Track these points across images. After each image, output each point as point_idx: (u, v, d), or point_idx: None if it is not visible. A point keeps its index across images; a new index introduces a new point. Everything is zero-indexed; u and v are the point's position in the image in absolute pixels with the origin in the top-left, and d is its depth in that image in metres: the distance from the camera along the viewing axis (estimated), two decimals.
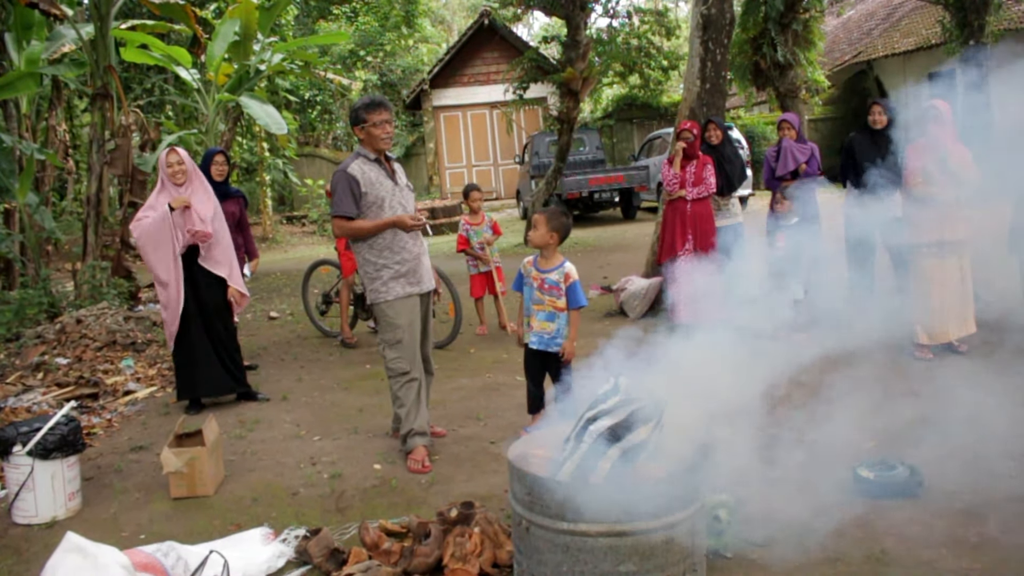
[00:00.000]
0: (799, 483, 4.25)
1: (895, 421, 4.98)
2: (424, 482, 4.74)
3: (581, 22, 13.81)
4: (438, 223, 19.54)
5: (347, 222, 4.92)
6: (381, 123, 4.92)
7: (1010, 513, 3.83)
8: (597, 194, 18.51)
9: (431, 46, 32.59)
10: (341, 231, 4.99)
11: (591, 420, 2.97)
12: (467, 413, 5.97)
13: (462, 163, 27.58)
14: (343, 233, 5.02)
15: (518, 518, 3.10)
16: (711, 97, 8.72)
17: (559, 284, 4.87)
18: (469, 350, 7.90)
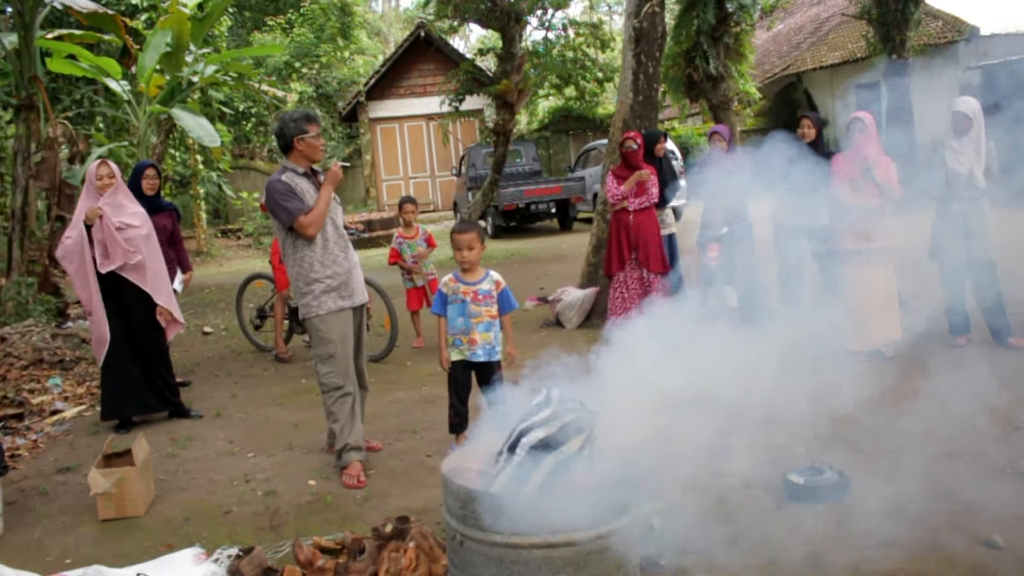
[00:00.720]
0: (732, 489, 4.32)
1: (824, 426, 5.07)
2: (359, 497, 4.70)
3: (516, 35, 13.90)
4: (375, 235, 19.43)
5: (307, 216, 4.82)
6: (318, 136, 4.91)
7: (935, 514, 3.93)
8: (534, 205, 18.62)
9: (367, 58, 32.43)
10: (311, 226, 4.82)
11: (524, 432, 2.97)
12: (403, 426, 5.94)
13: (399, 175, 27.49)
14: (313, 227, 4.83)
15: (452, 532, 3.09)
16: (644, 109, 8.83)
17: (491, 293, 4.89)
18: (406, 363, 7.86)
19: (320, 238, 4.91)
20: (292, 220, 4.79)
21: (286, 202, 4.80)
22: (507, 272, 11.52)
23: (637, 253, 7.70)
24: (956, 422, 5.03)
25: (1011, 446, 4.67)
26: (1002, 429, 4.93)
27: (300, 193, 4.83)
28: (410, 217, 8.35)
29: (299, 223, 4.80)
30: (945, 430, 4.92)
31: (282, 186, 4.83)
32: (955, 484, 4.24)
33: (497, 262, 14.76)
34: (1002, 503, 3.99)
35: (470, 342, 4.89)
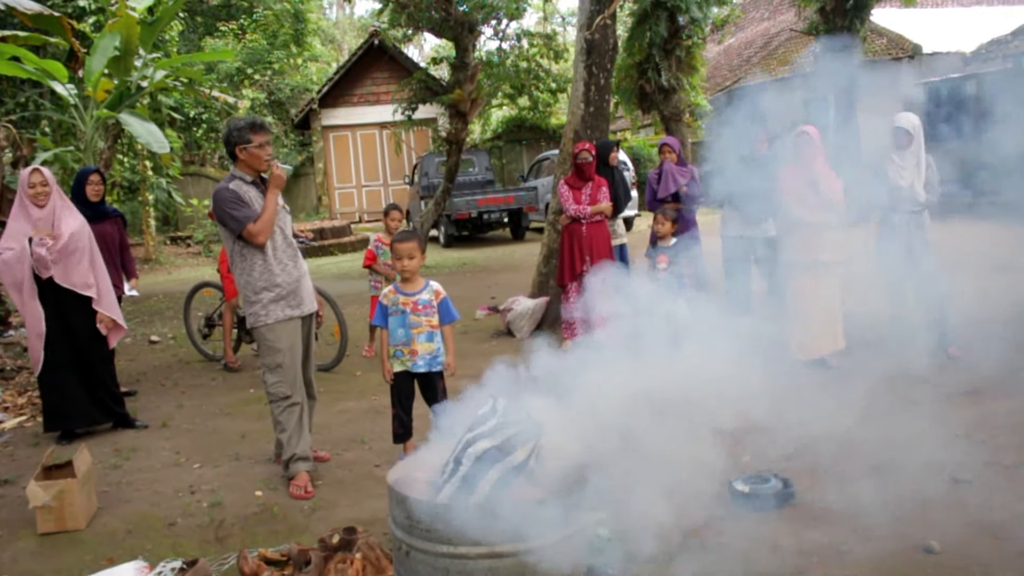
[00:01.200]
0: (677, 498, 4.36)
1: (770, 434, 5.14)
2: (306, 508, 4.67)
3: (470, 44, 13.92)
4: (326, 244, 19.31)
5: (255, 224, 4.77)
6: (264, 144, 4.86)
7: (876, 521, 4.01)
8: (486, 215, 18.66)
9: (320, 65, 32.27)
10: (260, 234, 4.78)
11: (470, 442, 2.98)
12: (352, 436, 5.90)
13: (351, 183, 27.36)
14: (263, 234, 4.79)
15: (398, 542, 3.09)
16: (595, 120, 8.90)
17: (432, 303, 4.88)
18: (355, 373, 7.82)
19: (269, 246, 4.87)
20: (241, 228, 4.75)
21: (234, 210, 4.75)
22: (459, 281, 11.52)
23: (589, 264, 7.75)
24: (895, 430, 5.15)
25: (950, 454, 4.77)
26: (942, 437, 5.03)
27: (248, 201, 4.79)
28: (396, 224, 8.11)
29: (248, 231, 4.75)
30: (887, 438, 5.04)
31: (229, 194, 4.79)
32: (895, 491, 4.33)
33: (449, 271, 14.75)
34: (940, 510, 4.08)
35: (411, 353, 4.88)
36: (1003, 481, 4.37)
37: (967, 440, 4.97)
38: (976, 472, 4.50)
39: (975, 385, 5.96)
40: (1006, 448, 4.79)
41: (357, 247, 19.91)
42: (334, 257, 18.71)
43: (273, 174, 4.86)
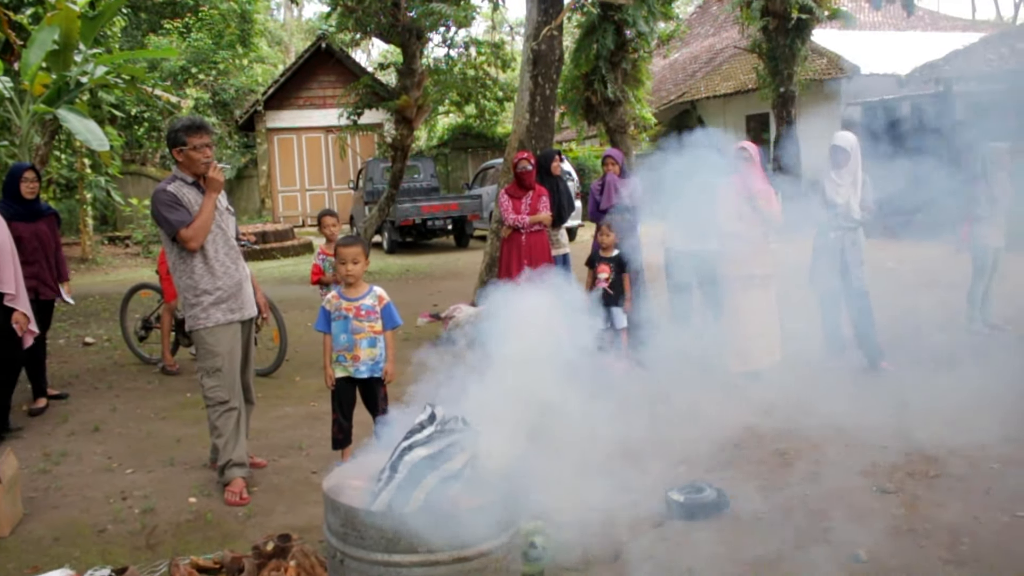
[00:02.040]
0: (614, 507, 4.41)
1: (706, 444, 5.23)
2: (241, 515, 4.62)
3: (417, 51, 13.93)
4: (269, 247, 19.10)
5: (189, 228, 4.69)
6: (201, 147, 4.77)
7: (806, 530, 4.11)
8: (430, 221, 18.66)
9: (267, 67, 31.92)
10: (193, 239, 4.70)
11: (407, 450, 2.98)
12: (290, 443, 5.85)
13: (295, 187, 27.12)
14: (196, 239, 4.71)
15: (332, 550, 3.08)
16: (540, 130, 8.97)
17: (375, 308, 4.88)
18: (295, 378, 7.75)
19: (210, 249, 4.81)
20: (174, 231, 4.69)
21: (169, 213, 4.69)
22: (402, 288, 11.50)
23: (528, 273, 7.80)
24: (828, 441, 5.28)
25: (877, 465, 4.90)
26: (870, 448, 5.17)
27: (186, 203, 4.73)
28: (331, 231, 7.68)
29: (181, 235, 4.69)
30: (818, 449, 5.16)
31: (167, 196, 4.72)
32: (824, 502, 4.43)
33: (392, 278, 14.69)
34: (867, 519, 4.20)
35: (353, 358, 4.86)
36: (926, 491, 4.50)
37: (892, 451, 5.10)
38: (900, 482, 4.63)
39: (903, 398, 6.13)
40: (930, 459, 4.94)
41: (300, 251, 19.73)
42: (276, 261, 18.51)
43: (209, 177, 4.78)
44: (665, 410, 5.56)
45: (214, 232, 4.83)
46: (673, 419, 5.42)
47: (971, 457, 4.94)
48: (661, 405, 5.67)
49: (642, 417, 5.48)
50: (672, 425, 5.36)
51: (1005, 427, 5.39)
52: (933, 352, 7.02)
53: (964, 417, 5.64)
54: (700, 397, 6.05)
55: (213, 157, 4.87)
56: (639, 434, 5.20)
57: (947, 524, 4.11)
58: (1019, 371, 6.55)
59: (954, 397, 6.08)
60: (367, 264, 4.97)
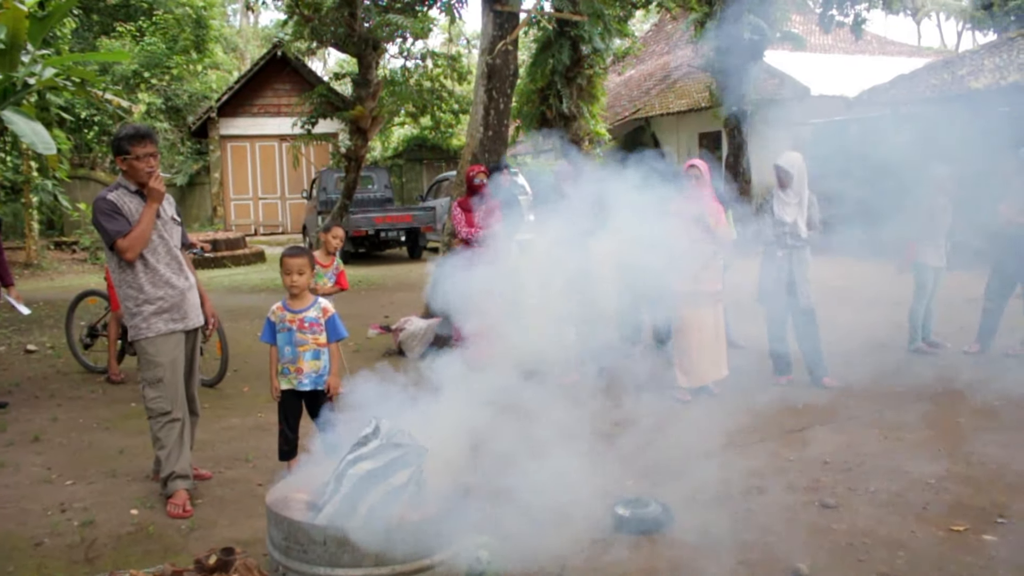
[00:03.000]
0: (560, 521, 4.43)
1: (653, 460, 5.28)
2: (184, 528, 4.55)
3: (373, 62, 13.92)
4: (220, 255, 18.88)
5: (125, 238, 4.63)
6: (145, 156, 4.70)
7: (749, 544, 4.16)
8: (384, 232, 18.61)
9: (221, 73, 31.61)
10: (129, 250, 4.64)
11: (351, 463, 2.98)
12: (235, 454, 5.79)
13: (248, 195, 26.88)
14: (132, 250, 4.65)
15: (275, 564, 3.06)
16: (493, 143, 9.00)
17: (319, 320, 4.84)
18: (243, 389, 7.67)
19: (151, 258, 4.75)
20: (111, 241, 4.63)
21: (107, 222, 4.62)
22: (353, 299, 11.43)
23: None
24: (771, 457, 5.35)
25: (819, 480, 4.99)
26: (813, 464, 5.26)
27: (127, 212, 4.66)
28: (337, 244, 7.35)
29: (118, 245, 4.63)
30: (761, 465, 5.23)
31: (106, 204, 4.66)
32: (767, 516, 4.50)
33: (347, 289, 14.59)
34: (809, 534, 4.27)
35: (297, 371, 4.83)
36: (866, 506, 4.59)
37: (834, 467, 5.20)
38: (841, 497, 4.72)
39: (846, 414, 6.25)
40: (870, 475, 5.03)
41: (252, 260, 19.54)
42: (227, 269, 18.30)
43: (150, 187, 4.69)
44: (613, 425, 5.60)
45: (155, 241, 4.77)
46: (621, 434, 5.46)
47: (910, 473, 5.05)
48: (609, 419, 5.71)
49: (594, 431, 5.52)
50: (619, 440, 5.40)
51: (942, 444, 5.52)
52: (875, 369, 7.17)
53: (903, 433, 5.78)
54: (647, 412, 6.11)
55: (158, 167, 4.80)
56: (588, 448, 5.24)
57: (886, 538, 4.19)
58: (957, 389, 6.72)
59: (893, 414, 6.23)
60: (312, 275, 4.95)
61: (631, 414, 5.91)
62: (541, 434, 5.34)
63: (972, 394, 6.51)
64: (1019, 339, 7.87)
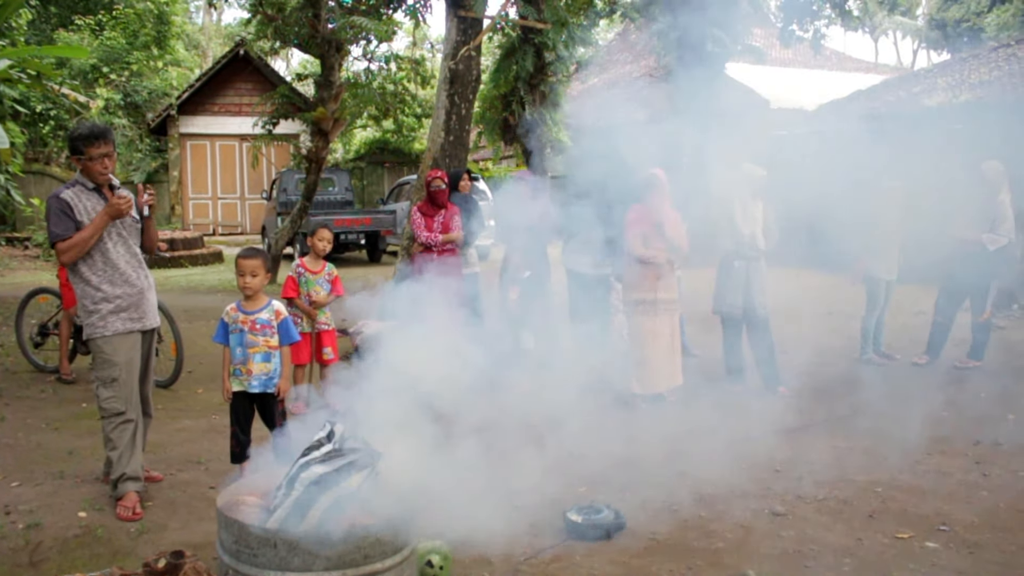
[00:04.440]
0: (513, 527, 4.45)
1: (607, 466, 5.32)
2: (133, 530, 4.50)
3: (336, 63, 13.87)
4: (177, 255, 18.66)
5: (65, 242, 4.58)
6: (99, 157, 4.63)
7: (699, 550, 4.22)
8: (343, 235, 18.50)
9: (182, 70, 31.22)
10: (65, 254, 4.60)
11: (303, 467, 2.97)
12: (188, 456, 5.73)
13: (207, 194, 26.60)
14: (68, 254, 4.60)
15: (224, 568, 3.04)
16: (454, 148, 9.02)
17: (271, 323, 4.82)
18: (197, 390, 7.59)
19: (112, 255, 4.71)
20: (53, 241, 4.58)
21: (53, 222, 4.58)
22: None
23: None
24: (723, 465, 5.42)
25: (769, 487, 5.06)
26: (763, 471, 5.33)
27: (79, 212, 4.61)
28: (325, 247, 6.85)
29: (57, 247, 4.59)
30: (713, 472, 5.29)
31: (57, 203, 4.60)
32: (718, 523, 4.56)
33: None
34: (758, 541, 4.33)
35: (247, 372, 4.80)
36: (814, 514, 4.67)
37: (785, 475, 5.28)
38: (791, 505, 4.79)
39: (798, 422, 6.34)
40: (819, 483, 5.12)
41: (209, 260, 19.33)
42: (184, 269, 18.09)
43: (111, 202, 4.62)
44: (566, 431, 5.63)
45: (115, 239, 4.72)
46: (574, 440, 5.49)
47: (857, 481, 5.14)
48: (568, 426, 5.74)
49: (547, 437, 5.56)
50: (573, 446, 5.44)
51: (889, 453, 5.63)
52: (827, 379, 7.28)
53: (853, 442, 5.89)
54: (602, 419, 6.15)
55: (113, 166, 4.74)
56: (542, 454, 5.27)
57: (833, 545, 4.27)
58: (906, 400, 6.85)
59: (844, 423, 6.34)
60: (268, 278, 4.92)
61: (585, 421, 5.95)
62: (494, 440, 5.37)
63: (920, 404, 6.64)
64: (966, 352, 8.04)
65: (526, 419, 5.74)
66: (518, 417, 5.73)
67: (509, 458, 5.02)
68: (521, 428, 5.48)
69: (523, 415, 5.66)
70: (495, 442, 5.04)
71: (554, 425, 5.77)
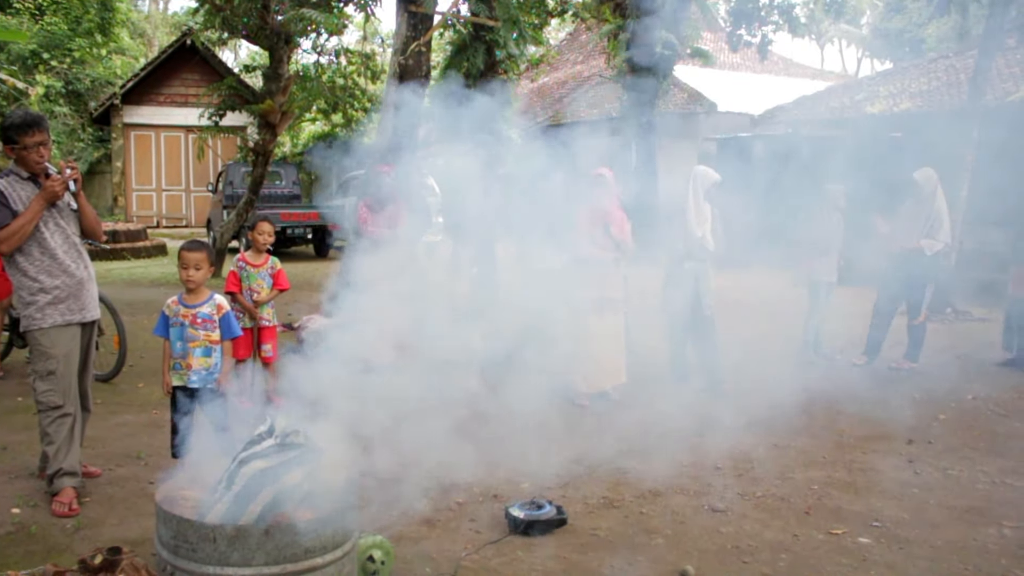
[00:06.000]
0: (456, 522, 4.47)
1: (550, 463, 5.36)
2: (70, 527, 4.42)
3: (285, 56, 13.73)
4: (119, 247, 18.31)
5: (2, 231, 4.46)
6: (34, 146, 4.52)
7: (641, 546, 4.27)
8: (290, 229, 18.33)
9: (127, 59, 30.66)
10: (5, 243, 4.48)
11: (244, 461, 2.95)
12: (127, 451, 5.64)
13: (152, 186, 26.15)
14: (7, 244, 4.49)
15: (163, 563, 3.01)
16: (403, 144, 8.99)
17: (212, 317, 4.77)
18: (138, 385, 7.47)
19: (50, 245, 4.61)
20: None
21: None
22: None
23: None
24: (665, 462, 5.50)
25: (709, 484, 5.14)
26: (703, 469, 5.42)
27: (14, 201, 4.50)
28: (265, 240, 6.71)
29: None
30: (655, 469, 5.36)
31: None
32: (659, 519, 4.62)
33: None
34: (697, 536, 4.40)
35: (187, 366, 4.74)
36: (753, 510, 4.76)
37: (725, 472, 5.37)
38: (731, 501, 4.88)
39: (739, 421, 6.45)
40: (759, 480, 5.22)
41: (153, 253, 19.01)
42: (126, 262, 17.76)
43: (44, 185, 4.53)
44: (510, 427, 5.66)
45: (52, 228, 4.63)
46: (518, 436, 5.52)
47: (794, 479, 5.25)
48: (511, 423, 5.77)
49: (492, 434, 5.58)
50: (516, 442, 5.46)
51: (827, 451, 5.76)
52: (768, 378, 7.40)
53: (792, 440, 6.01)
54: (546, 416, 6.19)
55: (48, 155, 4.64)
56: (486, 450, 5.29)
57: (769, 541, 4.35)
58: (843, 399, 7.01)
59: (783, 421, 6.46)
60: (211, 271, 4.86)
61: (530, 418, 5.98)
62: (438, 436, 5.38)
63: (857, 404, 6.80)
64: (902, 353, 8.25)
65: (469, 415, 5.76)
66: (461, 413, 5.75)
67: (452, 454, 5.03)
68: (464, 424, 5.49)
69: (466, 411, 5.68)
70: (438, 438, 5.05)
71: (498, 421, 5.79)
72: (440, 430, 5.11)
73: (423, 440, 4.48)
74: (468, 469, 4.87)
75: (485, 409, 5.81)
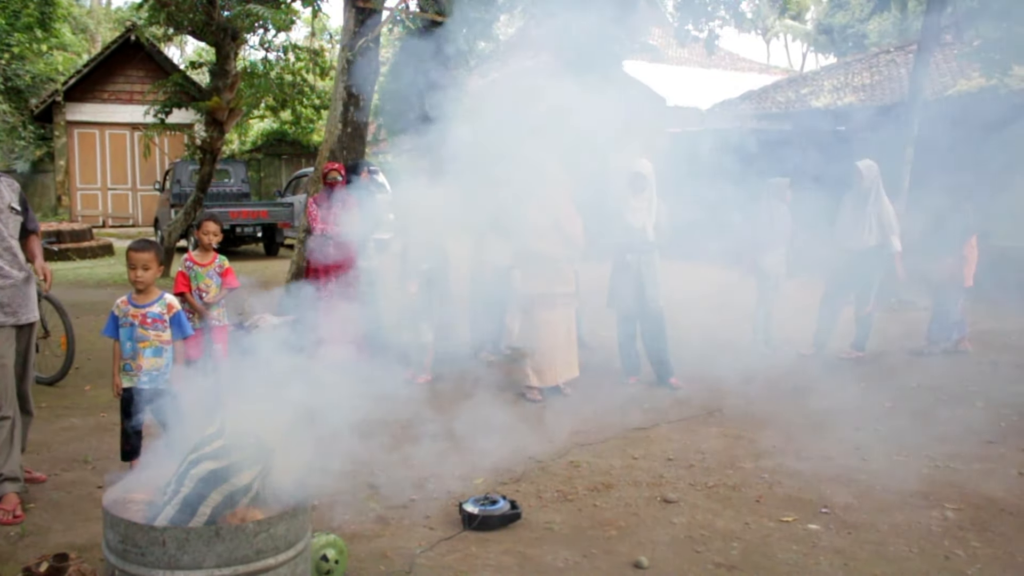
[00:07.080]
0: (409, 519, 4.47)
1: (502, 458, 5.37)
2: (13, 534, 4.33)
3: (232, 52, 13.55)
4: (64, 247, 17.93)
5: None
6: None
7: (593, 538, 4.31)
8: (239, 228, 18.12)
9: (69, 55, 29.96)
10: None
11: (193, 463, 2.92)
12: (74, 456, 5.54)
13: (97, 185, 25.65)
14: None
15: (111, 568, 2.96)
16: (351, 140, 8.94)
17: (163, 316, 4.70)
18: (85, 387, 7.33)
19: None
20: None
21: None
22: None
23: (334, 283, 7.76)
24: (617, 455, 5.54)
25: (661, 476, 5.20)
26: (655, 460, 5.47)
27: None
28: (211, 240, 6.61)
29: None
30: (607, 462, 5.41)
31: None
32: (612, 511, 4.66)
33: None
34: (650, 528, 4.45)
35: (137, 367, 4.67)
36: (705, 500, 4.81)
37: (677, 463, 5.43)
38: (683, 492, 4.93)
39: (689, 412, 6.52)
40: (710, 471, 5.29)
41: (98, 253, 18.66)
42: (71, 263, 17.40)
43: None
44: (462, 423, 5.67)
45: None
46: (469, 432, 5.53)
47: (745, 468, 5.33)
48: (465, 418, 5.78)
49: (444, 429, 5.58)
50: (468, 438, 5.47)
51: (776, 440, 5.85)
52: (718, 370, 7.50)
53: (742, 431, 6.09)
54: (498, 411, 6.20)
55: None
56: (439, 446, 5.29)
57: (721, 530, 4.41)
58: (792, 389, 7.12)
59: (733, 412, 6.55)
60: (160, 271, 4.79)
61: (482, 413, 5.99)
62: (391, 433, 5.36)
63: (806, 394, 6.91)
64: (850, 343, 8.39)
65: (421, 412, 5.75)
66: (413, 410, 5.75)
67: (405, 451, 5.03)
68: (416, 421, 5.49)
69: (418, 408, 5.67)
70: (391, 435, 5.04)
71: (450, 417, 5.80)
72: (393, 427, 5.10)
73: (375, 437, 4.47)
74: (421, 466, 4.87)
75: (437, 405, 5.81)
